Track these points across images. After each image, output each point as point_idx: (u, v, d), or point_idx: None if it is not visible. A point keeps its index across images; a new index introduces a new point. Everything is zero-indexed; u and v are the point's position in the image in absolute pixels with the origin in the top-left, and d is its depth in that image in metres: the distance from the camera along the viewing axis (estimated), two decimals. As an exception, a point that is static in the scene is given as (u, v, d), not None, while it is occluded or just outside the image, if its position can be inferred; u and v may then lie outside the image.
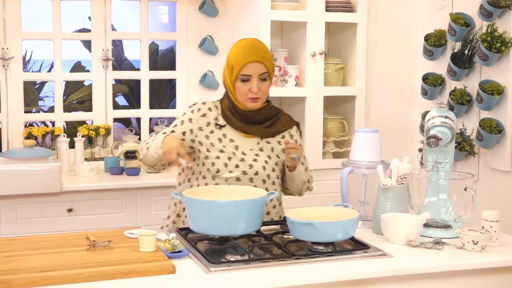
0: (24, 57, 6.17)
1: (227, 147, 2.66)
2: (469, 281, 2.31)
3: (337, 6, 4.10)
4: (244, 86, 2.62)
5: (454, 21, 3.85)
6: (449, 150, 2.61)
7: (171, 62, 5.11)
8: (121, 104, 6.81)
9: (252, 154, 2.67)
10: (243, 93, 2.63)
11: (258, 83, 2.61)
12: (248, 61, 2.60)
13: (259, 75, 2.61)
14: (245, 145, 2.69)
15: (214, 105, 2.74)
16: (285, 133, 2.76)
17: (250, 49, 2.63)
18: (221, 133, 2.68)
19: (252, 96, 2.62)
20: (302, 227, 2.29)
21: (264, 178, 2.66)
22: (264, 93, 2.65)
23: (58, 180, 3.53)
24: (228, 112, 2.69)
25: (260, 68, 2.61)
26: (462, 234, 2.38)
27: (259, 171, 2.64)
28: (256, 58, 2.60)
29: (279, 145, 2.73)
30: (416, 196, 2.65)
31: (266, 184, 2.67)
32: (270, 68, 2.64)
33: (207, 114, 2.71)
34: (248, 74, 2.60)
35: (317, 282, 2.10)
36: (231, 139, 2.68)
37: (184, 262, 2.18)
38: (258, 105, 2.66)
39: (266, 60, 2.62)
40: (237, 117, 2.68)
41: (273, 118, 2.74)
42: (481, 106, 3.68)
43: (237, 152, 2.66)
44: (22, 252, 2.22)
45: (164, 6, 8.44)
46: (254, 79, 2.60)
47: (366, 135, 2.75)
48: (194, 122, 2.68)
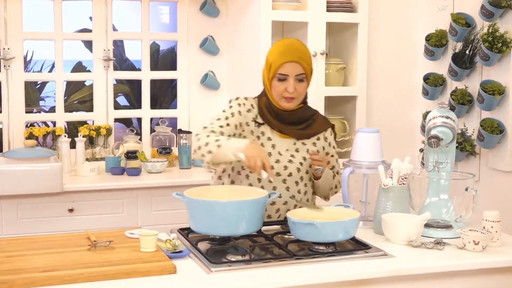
0: (25, 57, 6.17)
1: (265, 146, 2.68)
2: (470, 282, 2.31)
3: (338, 6, 4.10)
4: (280, 85, 2.63)
5: (455, 21, 3.85)
6: (450, 150, 2.61)
7: (172, 62, 5.11)
8: (122, 104, 6.81)
9: (287, 155, 2.69)
10: (279, 92, 2.64)
11: (295, 83, 2.62)
12: (286, 61, 2.61)
13: (296, 75, 2.62)
14: (281, 145, 2.70)
15: (254, 102, 2.75)
16: (319, 135, 2.77)
17: (289, 49, 2.64)
18: (260, 130, 2.70)
19: (287, 95, 2.63)
20: (303, 227, 2.29)
21: (297, 180, 2.67)
22: (299, 93, 2.65)
23: (59, 180, 3.53)
24: (265, 111, 2.71)
25: (297, 69, 2.62)
26: (463, 234, 2.38)
27: (293, 173, 2.66)
28: (294, 58, 2.61)
29: (313, 147, 2.74)
30: (417, 196, 2.65)
31: (298, 186, 2.68)
32: (308, 69, 2.64)
33: (251, 110, 2.72)
34: (285, 74, 2.62)
35: (318, 282, 2.10)
36: (268, 138, 2.70)
37: (185, 262, 2.18)
38: (292, 105, 2.67)
39: (304, 61, 2.63)
40: (274, 116, 2.70)
41: (308, 119, 2.75)
42: (482, 106, 3.68)
43: (274, 151, 2.68)
44: (23, 252, 2.22)
45: (165, 6, 8.44)
46: (290, 79, 2.62)
47: (367, 135, 2.75)
48: (242, 116, 2.69)
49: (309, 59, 2.67)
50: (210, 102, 4.45)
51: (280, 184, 2.65)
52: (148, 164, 3.93)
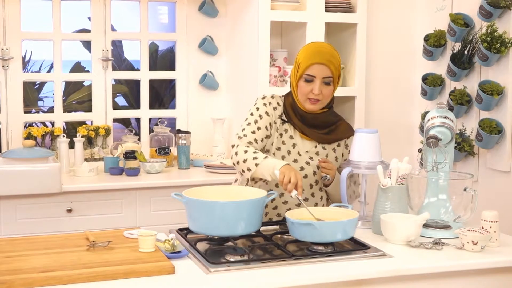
0: (24, 58, 6.17)
1: (287, 144, 2.71)
2: (468, 282, 2.31)
3: (336, 7, 4.10)
4: (306, 86, 2.65)
5: (454, 21, 3.85)
6: (448, 151, 2.62)
7: (171, 62, 5.11)
8: (120, 105, 6.80)
9: (306, 157, 2.70)
10: (304, 93, 2.66)
11: (321, 86, 2.64)
12: (314, 62, 2.62)
13: (323, 78, 2.63)
14: (302, 146, 2.73)
15: (280, 100, 2.78)
16: (341, 142, 2.80)
17: (318, 51, 2.66)
18: (283, 128, 2.73)
19: (312, 97, 2.65)
20: (301, 227, 2.29)
21: (312, 183, 2.69)
22: (325, 96, 2.66)
23: (58, 180, 3.53)
24: (290, 110, 2.73)
25: (324, 71, 2.63)
26: (462, 235, 2.39)
27: (308, 175, 2.67)
28: (322, 61, 2.62)
29: (333, 153, 2.76)
30: (416, 197, 2.65)
31: (312, 189, 2.70)
32: (336, 73, 2.66)
33: (277, 108, 2.75)
34: (312, 75, 2.63)
35: (317, 282, 2.11)
36: (291, 136, 2.73)
37: (184, 263, 2.18)
38: (317, 107, 2.68)
39: (332, 64, 2.64)
40: (297, 117, 2.72)
41: (332, 125, 2.76)
42: (481, 107, 3.68)
43: (293, 151, 2.70)
44: (22, 252, 2.22)
45: (163, 7, 8.44)
46: (317, 81, 2.63)
47: (366, 136, 2.75)
48: (270, 116, 2.73)
49: (338, 63, 2.68)
50: (209, 102, 4.45)
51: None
52: (147, 164, 3.93)
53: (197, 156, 4.25)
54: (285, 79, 4.07)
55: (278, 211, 2.75)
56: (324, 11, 4.06)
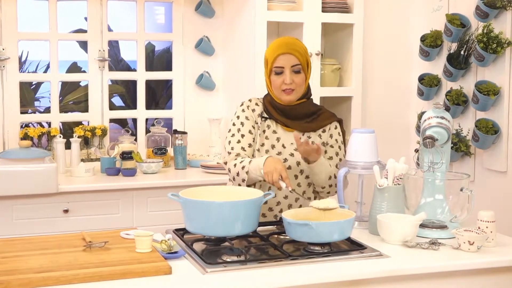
0: (20, 58, 6.15)
1: (270, 138, 2.74)
2: (465, 282, 2.31)
3: (333, 7, 4.11)
4: (278, 79, 2.68)
5: (450, 21, 3.86)
6: (445, 151, 2.62)
7: (168, 62, 5.11)
8: (117, 105, 6.79)
9: (291, 148, 2.73)
10: (277, 86, 2.69)
11: (291, 75, 2.67)
12: (279, 53, 2.66)
13: (292, 66, 2.67)
14: (286, 138, 2.75)
15: (259, 101, 2.83)
16: (325, 128, 2.82)
17: (281, 43, 2.71)
18: (265, 124, 2.76)
19: (285, 87, 2.68)
20: (298, 227, 2.29)
21: (297, 173, 2.72)
22: (298, 85, 2.69)
23: (54, 180, 3.53)
24: (270, 107, 2.76)
25: (291, 60, 2.66)
26: (458, 235, 2.39)
27: (292, 166, 2.70)
28: (286, 50, 2.66)
29: (319, 139, 2.78)
30: (412, 197, 2.65)
31: (298, 179, 2.73)
32: (303, 60, 2.68)
33: (256, 108, 2.79)
34: (281, 66, 2.67)
35: (314, 282, 2.11)
36: (274, 131, 2.76)
37: (181, 263, 2.18)
38: (293, 97, 2.70)
39: (297, 52, 2.67)
40: (278, 112, 2.74)
41: (313, 114, 2.79)
42: (477, 107, 3.69)
43: (277, 144, 2.74)
44: (18, 253, 2.22)
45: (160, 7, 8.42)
46: (286, 71, 2.67)
47: (363, 136, 2.75)
48: (251, 119, 2.78)
49: (303, 50, 2.71)
50: (206, 103, 4.45)
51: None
52: (144, 165, 3.93)
53: (193, 157, 4.25)
54: (281, 80, 4.07)
55: (277, 199, 2.75)
56: (321, 11, 4.07)
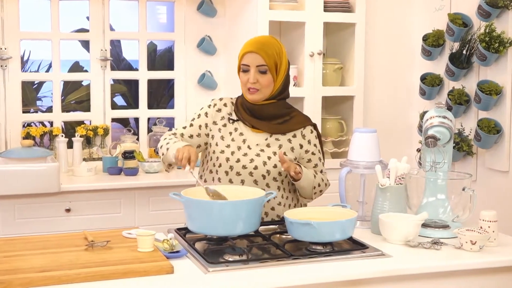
0: (22, 57, 6.16)
1: (236, 140, 2.71)
2: (467, 281, 2.31)
3: (335, 6, 4.10)
4: (244, 76, 2.68)
5: (452, 21, 3.85)
6: (447, 150, 2.62)
7: (169, 62, 5.11)
8: (119, 104, 6.79)
9: (257, 149, 2.70)
10: (243, 83, 2.69)
11: (256, 74, 2.64)
12: (247, 51, 2.65)
13: (257, 66, 2.64)
14: (252, 139, 2.72)
15: (230, 101, 2.81)
16: (296, 132, 2.75)
17: (253, 41, 2.70)
18: (233, 127, 2.74)
19: (249, 86, 2.66)
20: (300, 227, 2.29)
21: (264, 173, 2.67)
22: (263, 85, 2.66)
23: (56, 180, 3.53)
24: (240, 107, 2.75)
25: (257, 59, 2.64)
26: (460, 234, 2.39)
27: (258, 166, 2.66)
28: (253, 49, 2.64)
29: (289, 143, 2.73)
30: (414, 196, 2.65)
31: (266, 180, 2.68)
32: (269, 62, 2.64)
33: (222, 109, 2.77)
34: (246, 64, 2.66)
35: (316, 282, 2.11)
36: (240, 133, 2.73)
37: (183, 262, 2.18)
38: (256, 97, 2.68)
39: (264, 52, 2.63)
40: (247, 111, 2.73)
41: (285, 116, 2.75)
42: (479, 106, 3.69)
43: (243, 146, 2.70)
44: (20, 252, 2.22)
45: (162, 6, 8.43)
46: (251, 69, 2.65)
47: (365, 135, 2.75)
48: (209, 117, 2.76)
49: (274, 52, 2.65)
50: (207, 102, 4.43)
51: (248, 178, 2.67)
52: (145, 164, 3.93)
53: (195, 156, 4.24)
54: (283, 79, 4.07)
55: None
56: (323, 10, 4.06)
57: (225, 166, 2.68)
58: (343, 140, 4.27)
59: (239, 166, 2.66)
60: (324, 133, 4.21)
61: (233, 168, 2.67)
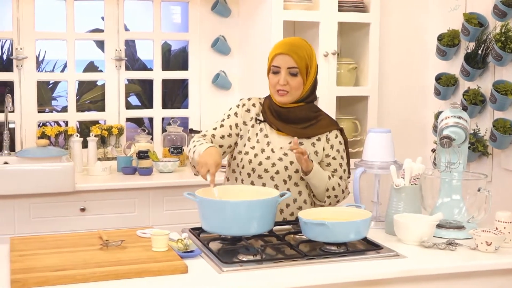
0: (38, 57, 6.18)
1: (261, 142, 2.71)
2: (482, 282, 2.30)
3: (350, 6, 4.10)
4: (274, 78, 2.66)
5: (468, 21, 3.83)
6: (462, 151, 2.60)
7: (184, 62, 5.11)
8: (133, 104, 6.81)
9: (280, 153, 2.69)
10: (273, 85, 2.67)
11: (286, 76, 2.63)
12: (277, 53, 2.64)
13: (288, 68, 2.63)
14: (277, 142, 2.71)
15: (258, 101, 2.80)
16: (321, 136, 2.73)
17: (284, 43, 2.69)
18: (259, 127, 2.73)
19: (279, 88, 2.65)
20: (314, 227, 2.29)
21: (285, 178, 2.67)
22: (293, 88, 2.64)
23: (71, 179, 3.54)
24: (266, 109, 2.74)
25: (288, 61, 2.62)
26: (476, 235, 2.37)
27: (280, 171, 2.66)
28: (285, 51, 2.63)
29: (312, 147, 2.71)
30: (429, 197, 2.64)
31: (287, 185, 2.68)
32: (301, 64, 2.63)
33: (251, 109, 2.77)
34: (277, 66, 2.64)
35: (330, 282, 2.10)
36: (265, 135, 2.72)
37: (197, 262, 2.18)
38: (286, 99, 2.66)
39: (297, 54, 2.62)
40: (273, 114, 2.72)
41: (312, 120, 2.73)
42: (495, 107, 3.66)
43: (267, 148, 2.69)
44: (35, 251, 2.23)
45: (176, 6, 8.44)
46: (282, 71, 2.64)
47: (379, 136, 2.74)
48: (239, 117, 2.75)
49: (305, 54, 2.65)
50: (222, 102, 4.45)
51: (269, 181, 2.67)
52: (160, 164, 3.94)
53: (209, 156, 4.24)
54: (298, 79, 4.07)
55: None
56: (337, 10, 4.06)
57: (248, 168, 2.68)
58: (357, 140, 4.26)
59: (261, 170, 2.66)
60: (338, 133, 4.20)
61: (255, 170, 2.67)
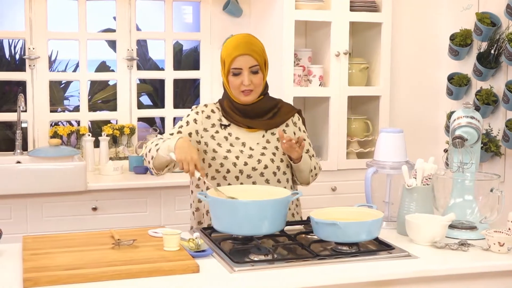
0: (50, 57, 6.19)
1: (234, 145, 2.68)
2: (494, 283, 2.29)
3: (361, 6, 4.09)
4: (236, 80, 2.64)
5: (480, 20, 3.82)
6: (475, 151, 2.59)
7: (195, 62, 5.12)
8: (145, 104, 6.82)
9: (259, 148, 2.68)
10: (236, 87, 2.64)
11: (250, 76, 2.63)
12: (237, 55, 2.62)
13: (250, 67, 2.62)
14: (251, 140, 2.70)
15: (215, 107, 2.76)
16: (288, 122, 2.77)
17: (239, 43, 2.66)
18: (226, 132, 2.70)
19: (244, 88, 2.64)
20: (326, 227, 2.28)
21: (274, 170, 2.67)
22: (256, 85, 2.65)
23: (83, 179, 3.56)
24: (229, 111, 2.71)
25: (249, 61, 2.62)
26: (488, 236, 2.36)
27: (268, 165, 2.66)
28: (245, 51, 2.62)
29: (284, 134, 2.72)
30: (442, 197, 2.63)
31: (277, 176, 2.68)
32: (260, 60, 2.64)
33: (211, 115, 2.73)
34: (239, 68, 2.62)
35: (341, 282, 2.10)
36: (236, 137, 2.69)
37: (208, 262, 2.18)
38: (251, 98, 2.66)
39: (255, 52, 2.63)
40: (238, 113, 2.70)
41: (274, 108, 2.74)
42: (508, 106, 3.65)
43: (245, 149, 2.68)
44: (48, 250, 2.24)
45: (188, 6, 8.45)
46: (245, 72, 2.62)
47: (391, 135, 2.74)
48: (199, 123, 2.70)
49: (261, 50, 2.67)
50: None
51: (259, 178, 2.65)
52: (171, 164, 3.94)
53: (221, 156, 4.25)
54: (309, 79, 4.07)
55: None
56: (349, 10, 4.05)
57: (234, 171, 2.63)
58: (369, 140, 4.25)
59: (248, 169, 2.64)
60: (349, 133, 4.20)
61: (243, 171, 2.64)
